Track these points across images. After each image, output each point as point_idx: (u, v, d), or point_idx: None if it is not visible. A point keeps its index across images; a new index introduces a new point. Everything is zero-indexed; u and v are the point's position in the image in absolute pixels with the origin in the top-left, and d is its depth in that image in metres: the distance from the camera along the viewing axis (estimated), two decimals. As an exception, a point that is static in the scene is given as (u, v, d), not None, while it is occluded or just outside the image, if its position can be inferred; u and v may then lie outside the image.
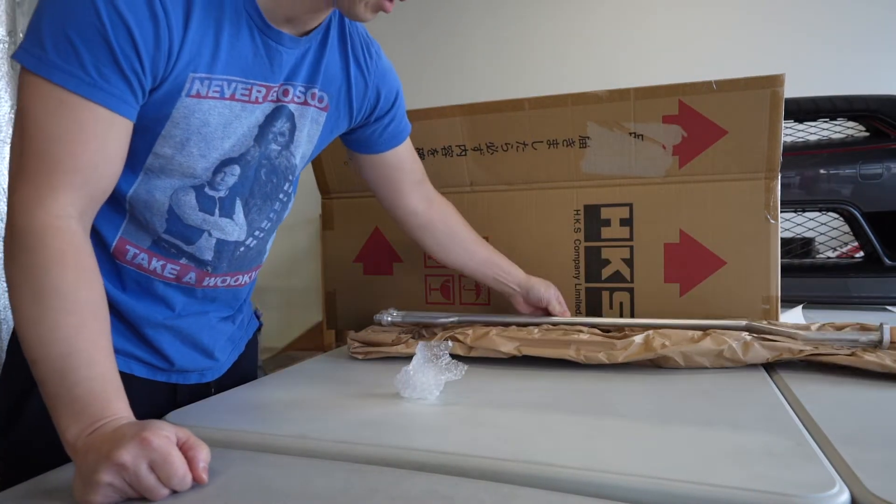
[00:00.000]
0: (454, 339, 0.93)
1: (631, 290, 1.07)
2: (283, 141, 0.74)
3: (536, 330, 0.93)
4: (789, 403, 0.67)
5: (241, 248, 0.77)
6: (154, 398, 0.77)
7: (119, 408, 0.52)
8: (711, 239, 1.02)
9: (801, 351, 0.80)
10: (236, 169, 0.71)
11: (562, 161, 1.08)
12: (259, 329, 0.98)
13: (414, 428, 0.63)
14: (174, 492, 0.47)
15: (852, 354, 0.77)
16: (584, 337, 0.89)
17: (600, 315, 1.08)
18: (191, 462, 0.48)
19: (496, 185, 1.14)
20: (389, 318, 1.03)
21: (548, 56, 3.10)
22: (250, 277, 0.84)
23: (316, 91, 0.75)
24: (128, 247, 0.71)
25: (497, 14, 3.18)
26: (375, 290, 1.23)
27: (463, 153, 1.14)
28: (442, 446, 0.56)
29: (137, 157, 0.65)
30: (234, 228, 0.74)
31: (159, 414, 0.70)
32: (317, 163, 1.24)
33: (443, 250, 0.99)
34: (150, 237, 0.71)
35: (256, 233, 0.78)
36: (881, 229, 1.34)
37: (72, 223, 0.56)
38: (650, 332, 0.87)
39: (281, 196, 0.79)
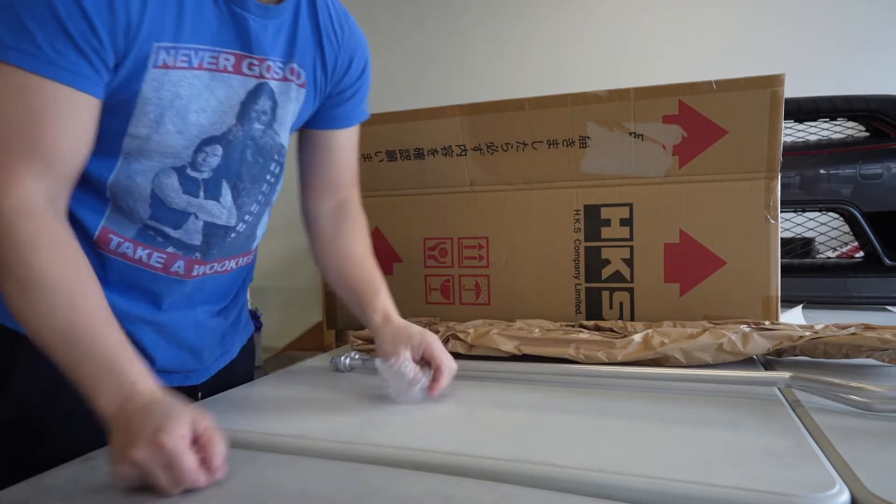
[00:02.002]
0: (455, 337, 0.93)
1: (631, 290, 1.07)
2: (265, 119, 0.73)
3: (537, 329, 0.93)
4: (789, 403, 0.67)
5: (233, 234, 0.76)
6: None
7: (134, 372, 0.53)
8: (711, 239, 1.02)
9: (801, 337, 0.80)
10: (218, 149, 0.69)
11: (562, 161, 1.08)
12: (259, 329, 0.97)
13: (414, 428, 0.63)
14: None
15: (853, 334, 0.77)
16: (583, 336, 0.89)
17: (600, 315, 1.09)
18: (203, 462, 0.48)
19: (496, 185, 1.14)
20: (348, 361, 0.91)
21: (548, 56, 3.10)
22: (237, 263, 0.81)
23: (294, 66, 0.73)
24: (111, 236, 0.69)
25: (497, 14, 3.18)
26: (375, 290, 1.23)
27: (463, 153, 1.14)
28: (442, 446, 0.56)
29: (114, 140, 0.63)
30: (222, 211, 0.73)
31: None
32: (317, 163, 1.24)
33: (318, 250, 0.88)
34: (134, 225, 0.69)
35: (247, 217, 0.76)
36: (881, 229, 1.34)
37: (40, 208, 0.55)
38: (649, 330, 0.87)
39: (268, 177, 0.77)
